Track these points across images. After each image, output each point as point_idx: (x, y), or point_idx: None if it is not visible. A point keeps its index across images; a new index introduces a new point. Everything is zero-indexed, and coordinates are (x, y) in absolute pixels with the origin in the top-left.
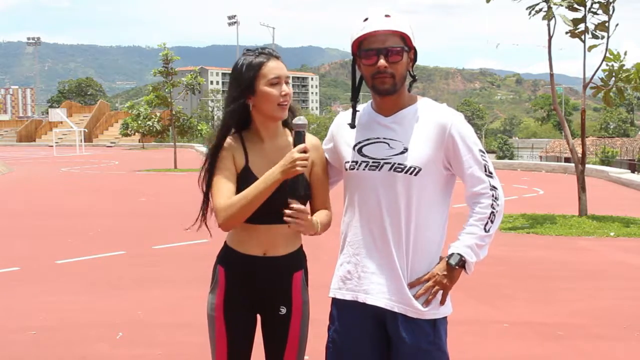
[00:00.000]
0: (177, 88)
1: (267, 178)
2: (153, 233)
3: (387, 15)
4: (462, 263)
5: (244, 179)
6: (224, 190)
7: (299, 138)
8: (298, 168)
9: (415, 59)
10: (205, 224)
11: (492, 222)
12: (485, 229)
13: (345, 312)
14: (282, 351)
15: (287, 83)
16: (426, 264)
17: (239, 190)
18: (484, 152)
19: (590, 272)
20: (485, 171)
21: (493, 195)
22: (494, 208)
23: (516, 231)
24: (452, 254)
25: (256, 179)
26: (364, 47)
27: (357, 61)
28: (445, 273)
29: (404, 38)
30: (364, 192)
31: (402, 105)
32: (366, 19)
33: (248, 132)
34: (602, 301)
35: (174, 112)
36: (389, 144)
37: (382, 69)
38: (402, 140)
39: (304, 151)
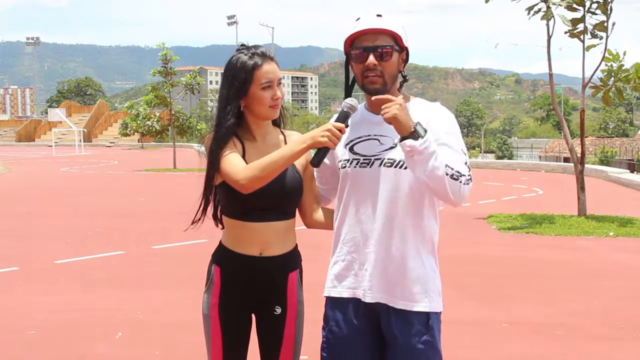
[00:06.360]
0: (176, 88)
1: (296, 142)
2: (152, 233)
3: (378, 15)
4: (418, 135)
5: None
6: (238, 160)
7: (341, 116)
8: (325, 139)
9: (407, 60)
10: (213, 215)
11: (453, 174)
12: (447, 163)
13: (340, 311)
14: (277, 351)
15: (279, 85)
16: (421, 257)
17: None
18: (464, 152)
19: (589, 272)
20: (465, 163)
21: (466, 176)
22: (460, 176)
23: (515, 231)
24: (424, 130)
25: None
26: (355, 46)
27: (349, 60)
28: (404, 113)
29: (395, 37)
30: (356, 189)
31: None
32: (358, 19)
33: (240, 130)
34: (602, 301)
35: (173, 112)
36: (379, 140)
37: (371, 67)
38: (391, 136)
39: (340, 130)
